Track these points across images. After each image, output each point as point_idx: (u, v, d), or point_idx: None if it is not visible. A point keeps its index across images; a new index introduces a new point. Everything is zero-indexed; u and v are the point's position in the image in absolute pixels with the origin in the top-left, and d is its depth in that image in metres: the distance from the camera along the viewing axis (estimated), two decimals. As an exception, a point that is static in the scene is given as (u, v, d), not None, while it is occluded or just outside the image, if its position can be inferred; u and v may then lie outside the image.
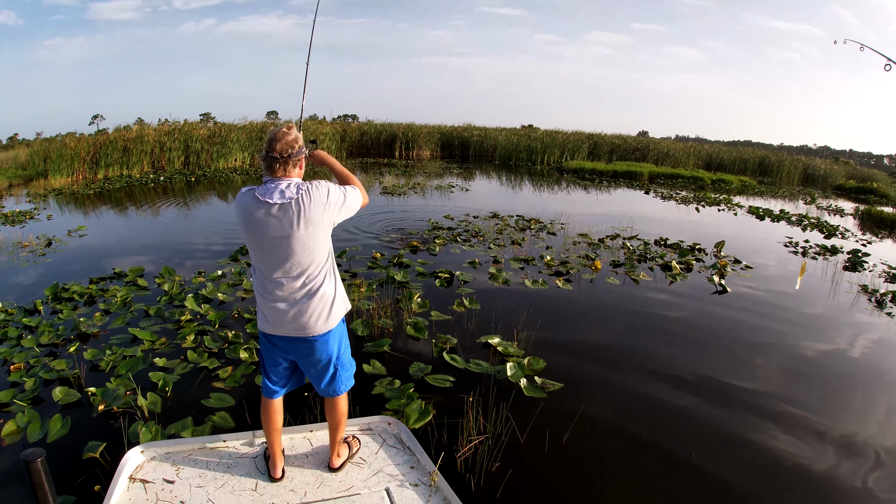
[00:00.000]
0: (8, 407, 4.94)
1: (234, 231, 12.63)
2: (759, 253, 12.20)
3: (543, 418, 4.76)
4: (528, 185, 25.10)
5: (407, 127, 40.05)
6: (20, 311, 7.21)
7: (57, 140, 27.69)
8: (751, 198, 24.45)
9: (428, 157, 38.96)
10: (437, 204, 17.34)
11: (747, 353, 6.60)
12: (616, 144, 39.68)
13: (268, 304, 3.08)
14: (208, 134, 29.30)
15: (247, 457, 3.66)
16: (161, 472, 3.47)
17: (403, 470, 3.52)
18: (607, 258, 10.59)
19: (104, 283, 8.49)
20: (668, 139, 54.50)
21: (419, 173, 26.89)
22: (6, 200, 18.40)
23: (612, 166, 32.14)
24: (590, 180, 27.51)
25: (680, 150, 39.34)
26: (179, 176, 24.34)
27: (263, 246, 2.97)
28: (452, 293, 8.08)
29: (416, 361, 5.72)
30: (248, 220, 2.94)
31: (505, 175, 29.28)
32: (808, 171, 38.69)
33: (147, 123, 31.71)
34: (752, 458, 4.48)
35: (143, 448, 3.66)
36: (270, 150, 2.92)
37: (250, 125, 32.86)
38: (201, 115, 49.78)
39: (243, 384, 5.32)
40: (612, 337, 6.94)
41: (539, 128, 48.76)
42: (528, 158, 37.08)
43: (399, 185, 21.44)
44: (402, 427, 3.96)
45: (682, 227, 15.02)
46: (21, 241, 11.42)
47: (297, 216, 2.87)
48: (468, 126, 45.05)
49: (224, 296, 7.75)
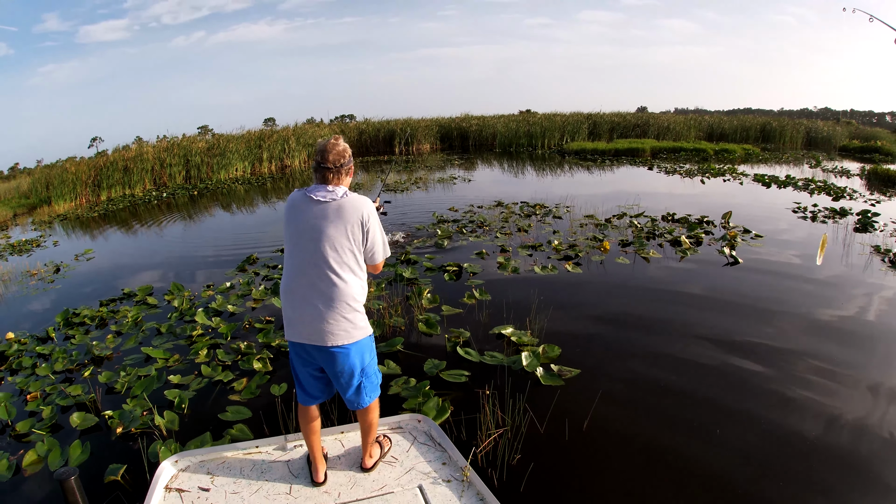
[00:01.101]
0: (27, 437, 4.94)
1: (241, 240, 12.66)
2: (768, 221, 12.10)
3: (562, 406, 4.71)
4: (531, 171, 24.99)
5: (405, 122, 40.04)
6: (33, 340, 7.22)
7: (57, 166, 27.81)
8: (755, 165, 24.32)
9: (428, 150, 38.90)
10: (441, 197, 17.32)
11: (764, 324, 6.53)
12: (616, 122, 39.49)
13: (291, 308, 3.12)
14: (207, 147, 29.35)
15: (280, 461, 3.67)
16: (196, 480, 3.49)
17: (435, 466, 3.51)
18: (615, 238, 10.53)
19: (114, 304, 8.49)
20: (667, 113, 54.33)
21: (420, 168, 26.84)
22: (12, 230, 18.46)
23: (614, 145, 32.03)
24: (592, 160, 27.41)
25: (680, 122, 39.16)
26: (182, 191, 24.38)
27: (298, 238, 3.08)
28: (462, 286, 8.04)
29: (430, 358, 5.68)
30: (292, 212, 3.12)
31: (506, 162, 29.23)
32: (811, 134, 38.50)
33: (146, 141, 31.86)
34: (777, 430, 4.42)
35: (177, 458, 3.69)
36: (323, 160, 3.07)
37: (248, 134, 32.93)
38: (199, 127, 49.79)
39: (259, 395, 5.30)
40: (626, 317, 6.87)
41: (537, 112, 48.59)
42: (529, 143, 36.96)
43: (401, 181, 21.41)
44: (431, 424, 3.97)
45: (689, 200, 14.91)
46: (29, 270, 11.44)
47: (335, 214, 3.01)
48: (466, 116, 44.99)
49: (234, 307, 7.74)
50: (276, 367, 5.87)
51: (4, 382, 6.16)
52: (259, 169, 30.74)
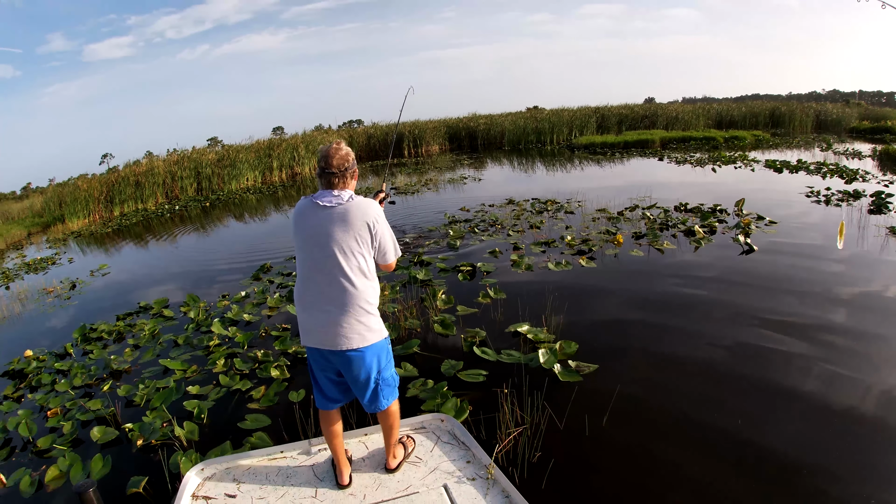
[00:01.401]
0: (49, 452, 4.97)
1: (254, 249, 12.70)
2: (782, 206, 11.98)
3: (581, 402, 4.68)
4: (541, 167, 24.94)
5: (412, 124, 39.98)
6: (51, 357, 7.28)
7: (70, 183, 28.10)
8: (766, 151, 24.14)
9: (437, 151, 38.89)
10: (452, 197, 17.32)
11: (781, 310, 6.45)
12: (624, 115, 39.37)
13: (305, 314, 3.13)
14: (217, 158, 29.52)
15: (304, 465, 3.69)
16: (222, 487, 3.51)
17: (459, 465, 3.50)
18: (629, 231, 10.46)
19: (131, 318, 8.53)
20: (675, 103, 54.04)
21: (430, 169, 26.87)
22: (27, 249, 18.62)
23: (623, 137, 31.87)
24: (602, 154, 27.31)
25: (689, 112, 38.90)
26: (194, 203, 24.51)
27: (307, 245, 3.08)
28: (476, 285, 8.01)
29: (447, 359, 5.65)
30: (299, 219, 3.13)
31: (516, 160, 29.17)
32: (820, 117, 38.21)
33: (156, 155, 32.10)
34: (800, 417, 4.37)
35: (202, 466, 3.70)
36: (328, 166, 3.06)
37: (257, 144, 33.12)
38: (208, 139, 50.10)
39: (277, 402, 5.30)
40: (643, 310, 6.82)
41: (545, 108, 48.50)
42: (538, 140, 36.93)
43: (411, 183, 21.43)
44: (454, 423, 3.96)
45: (701, 189, 14.80)
46: (45, 288, 11.53)
47: (342, 219, 3.00)
48: (473, 115, 44.97)
49: (250, 316, 7.75)
50: (294, 374, 5.87)
51: (25, 400, 6.21)
52: (270, 178, 30.87)
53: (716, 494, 3.59)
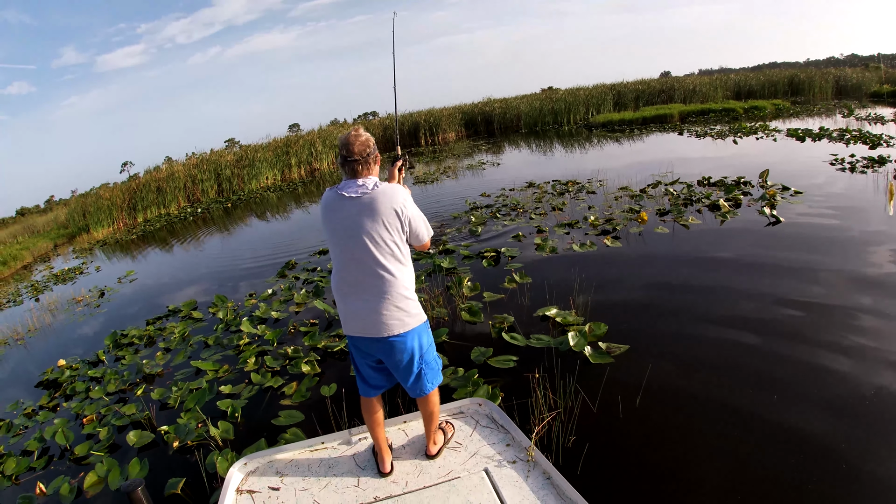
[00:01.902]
0: (87, 459, 5.05)
1: (278, 247, 12.77)
2: (806, 176, 11.76)
3: (613, 384, 4.63)
4: (559, 148, 24.75)
5: (428, 113, 39.93)
6: (84, 365, 7.39)
7: (92, 194, 28.49)
8: (787, 120, 23.76)
9: (454, 138, 38.79)
10: (471, 183, 17.25)
11: (812, 282, 6.32)
12: (640, 90, 38.91)
13: (344, 304, 3.13)
14: (235, 159, 29.75)
15: (346, 455, 3.71)
16: (266, 481, 3.54)
17: (499, 449, 3.49)
18: (652, 208, 10.33)
19: (160, 322, 8.62)
20: (691, 75, 53.33)
21: (448, 156, 26.79)
22: (54, 261, 18.92)
23: (641, 113, 31.53)
24: (620, 131, 27.04)
25: (706, 84, 38.36)
26: (216, 205, 24.71)
27: (338, 237, 3.06)
28: (501, 271, 7.96)
29: (476, 346, 5.62)
30: (327, 212, 3.09)
31: (533, 142, 28.99)
32: (840, 82, 37.50)
33: (175, 160, 32.38)
34: (834, 392, 4.29)
35: (245, 461, 3.74)
36: (349, 154, 3.01)
37: (274, 142, 33.31)
38: (226, 140, 50.50)
39: (310, 397, 5.32)
40: (671, 287, 6.73)
41: (559, 88, 48.16)
42: (554, 121, 36.61)
43: (430, 171, 21.39)
44: (493, 407, 3.94)
45: (723, 162, 14.59)
46: (75, 297, 11.70)
47: (369, 208, 2.96)
48: (489, 100, 44.72)
49: (277, 313, 7.79)
50: (325, 369, 5.89)
51: (60, 409, 6.31)
52: (289, 175, 31.01)
53: (752, 472, 3.54)
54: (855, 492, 3.28)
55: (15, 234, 28.97)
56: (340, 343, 6.29)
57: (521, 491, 3.09)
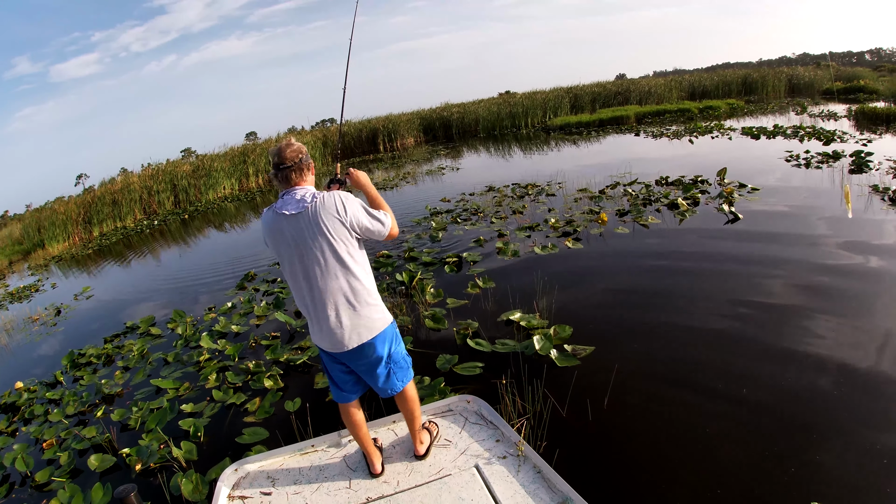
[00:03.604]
0: (48, 486, 4.89)
1: (237, 258, 12.59)
2: (763, 173, 12.02)
3: (581, 386, 4.64)
4: (518, 152, 24.85)
5: (386, 119, 39.88)
6: (42, 387, 7.18)
7: (47, 208, 27.90)
8: (741, 119, 24.23)
9: (413, 144, 38.77)
10: (431, 188, 17.28)
11: (773, 276, 6.46)
12: (597, 93, 39.34)
13: (311, 319, 3.11)
14: (192, 169, 29.32)
15: (336, 457, 3.72)
16: (258, 485, 3.55)
17: (489, 445, 3.51)
18: (612, 209, 10.43)
19: (119, 339, 8.43)
20: (646, 77, 54.17)
21: (407, 162, 26.78)
22: (9, 278, 18.43)
23: (597, 115, 31.93)
24: (577, 134, 27.31)
25: (661, 85, 39.03)
26: (173, 216, 24.33)
27: (288, 258, 3.00)
28: (464, 276, 7.96)
29: (441, 354, 5.59)
30: (271, 235, 3.03)
31: (492, 146, 29.10)
32: (793, 81, 38.56)
33: (130, 171, 31.80)
34: (795, 380, 4.38)
35: (236, 466, 3.73)
36: (281, 161, 2.97)
37: (231, 151, 32.89)
38: (182, 151, 49.73)
39: (274, 413, 5.23)
40: (633, 287, 6.80)
41: (517, 92, 48.49)
42: (512, 125, 36.84)
43: (389, 178, 21.33)
44: (481, 403, 3.95)
45: (680, 161, 14.83)
46: (31, 316, 11.41)
47: (313, 223, 2.90)
48: (446, 105, 44.89)
49: (238, 327, 7.67)
50: (288, 383, 5.81)
51: (19, 433, 6.12)
52: (247, 184, 30.67)
53: (722, 465, 3.59)
54: (818, 480, 3.35)
55: (-34, 251, 28.24)
56: (303, 356, 6.21)
57: (513, 486, 3.12)
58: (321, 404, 5.18)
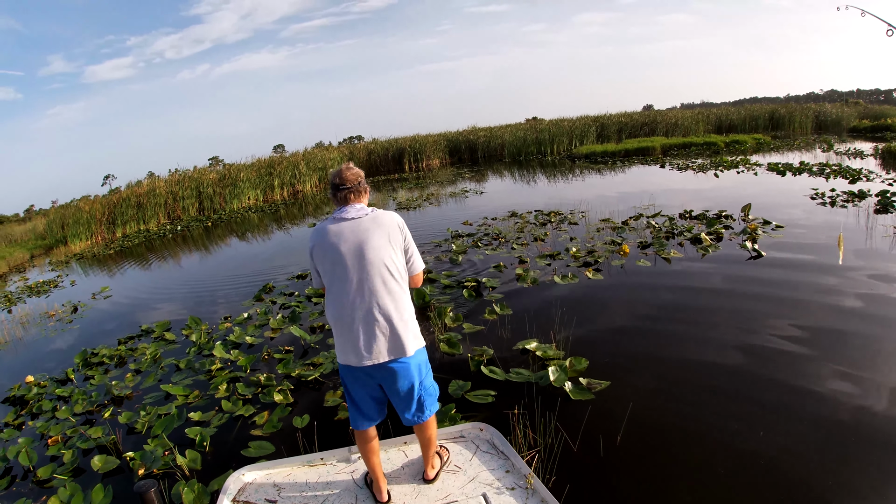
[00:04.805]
0: (49, 482, 4.89)
1: (257, 269, 12.63)
2: (787, 210, 11.86)
3: (594, 421, 4.53)
4: (542, 178, 24.84)
5: (413, 139, 40.13)
6: (53, 383, 7.21)
7: (72, 205, 28.21)
8: (767, 154, 24.06)
9: (438, 165, 38.95)
10: (454, 211, 17.26)
11: (794, 316, 6.29)
12: (623, 123, 39.35)
13: (344, 331, 3.08)
14: (218, 177, 29.62)
15: (344, 472, 3.71)
16: (263, 492, 3.56)
17: (498, 475, 3.46)
18: (634, 241, 10.32)
19: (132, 341, 8.45)
20: (673, 109, 54.16)
21: (431, 183, 26.85)
22: (30, 272, 18.62)
23: (623, 145, 31.84)
24: (603, 163, 27.21)
25: (688, 117, 38.99)
26: (196, 223, 24.51)
27: (338, 260, 3.01)
28: (482, 301, 7.88)
29: (454, 379, 5.49)
30: (322, 239, 3.06)
31: (517, 171, 29.09)
32: (820, 118, 38.43)
33: (157, 176, 32.19)
34: (813, 420, 4.26)
35: (244, 471, 3.77)
36: (342, 182, 3.10)
37: (258, 162, 33.26)
38: (210, 158, 50.37)
39: (281, 428, 5.17)
40: (652, 322, 6.67)
41: (544, 119, 48.67)
42: (538, 151, 36.95)
43: (413, 198, 21.36)
44: (494, 432, 3.91)
45: (705, 195, 14.71)
46: (48, 311, 11.48)
47: (374, 224, 3.03)
48: (473, 128, 45.12)
49: (252, 338, 7.64)
50: (297, 398, 5.75)
51: (25, 427, 6.14)
52: (271, 196, 30.90)
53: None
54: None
55: (-10, 242, 28.60)
56: (315, 372, 6.16)
57: None
58: (329, 423, 5.11)
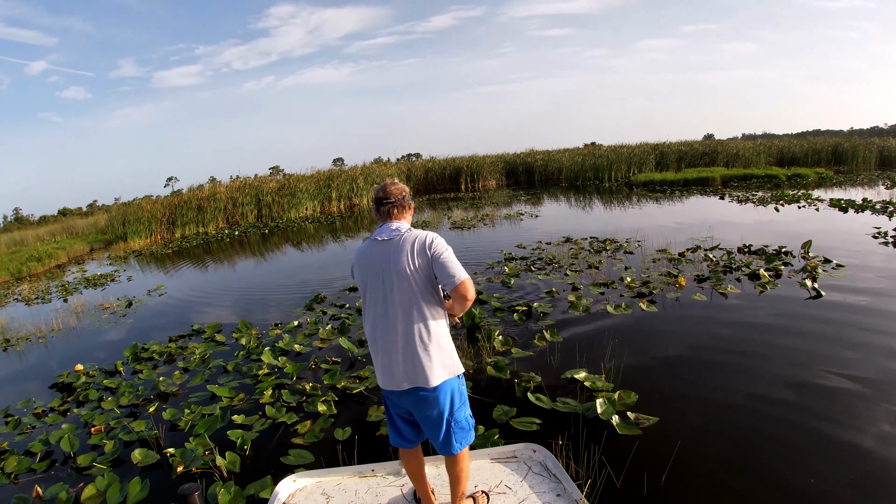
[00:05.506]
0: (88, 470, 4.98)
1: (310, 279, 12.76)
2: (849, 249, 11.38)
3: (640, 458, 4.38)
4: (598, 204, 24.56)
5: (470, 159, 40.30)
6: (101, 373, 7.38)
7: (134, 204, 29.02)
8: (830, 189, 23.35)
9: (494, 186, 39.01)
10: (508, 233, 17.17)
11: (853, 361, 5.99)
12: (683, 151, 38.85)
13: (373, 353, 3.09)
14: (278, 186, 30.18)
15: (394, 485, 3.72)
16: (313, 500, 3.61)
17: (548, 498, 3.39)
18: (690, 273, 10.06)
19: (183, 340, 8.59)
20: (735, 139, 53.35)
21: (487, 204, 26.80)
22: (88, 264, 19.16)
23: (682, 174, 31.36)
24: (661, 192, 26.79)
25: (749, 148, 38.18)
26: (253, 229, 24.96)
27: (370, 281, 3.02)
28: (532, 327, 7.77)
29: (499, 404, 5.40)
30: (360, 259, 3.09)
31: (573, 196, 28.86)
32: (884, 153, 37.47)
33: (219, 181, 32.92)
34: (862, 475, 4.01)
35: (295, 478, 3.83)
36: (386, 196, 3.08)
37: (318, 174, 33.79)
38: (270, 168, 51.30)
39: (322, 439, 5.15)
40: (706, 359, 6.44)
41: (602, 144, 48.40)
42: (595, 177, 36.64)
43: (468, 218, 21.36)
44: (547, 454, 3.84)
45: (764, 229, 14.31)
46: (103, 304, 11.79)
47: (399, 249, 2.94)
48: (531, 151, 45.16)
49: (301, 347, 7.68)
50: (341, 410, 5.73)
51: (70, 414, 6.29)
52: (328, 208, 31.33)
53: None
54: None
55: (54, 232, 29.62)
56: (360, 385, 6.14)
57: None
58: (371, 438, 5.07)
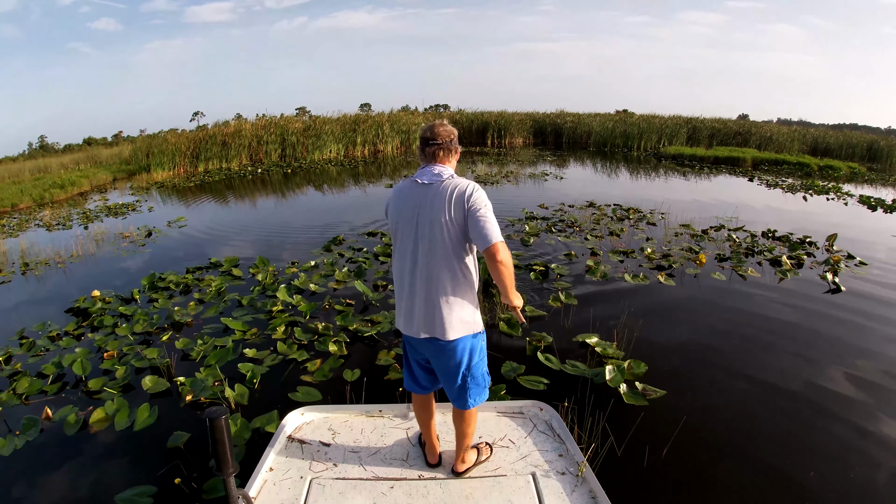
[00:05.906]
0: (98, 394, 5.07)
1: (328, 221, 12.76)
2: (871, 247, 11.13)
3: (643, 429, 4.38)
4: (625, 173, 24.24)
5: (499, 115, 39.78)
6: (117, 300, 7.44)
7: (159, 136, 29.13)
8: (860, 185, 22.87)
9: (520, 144, 38.62)
10: (531, 192, 17.01)
11: (865, 356, 5.93)
12: (716, 129, 38.05)
13: (397, 296, 3.06)
14: (303, 127, 30.04)
15: (400, 428, 3.77)
16: (318, 434, 3.68)
17: (551, 457, 3.41)
18: (712, 251, 9.95)
19: (200, 272, 8.65)
20: (769, 122, 52.07)
21: (512, 161, 26.56)
22: (110, 193, 19.28)
23: (713, 152, 30.79)
24: (689, 167, 26.39)
25: (783, 134, 37.32)
26: (276, 168, 24.96)
27: (400, 225, 2.94)
28: (548, 287, 7.75)
29: (508, 360, 5.42)
30: (396, 198, 2.99)
31: (600, 162, 28.49)
32: (921, 156, 36.26)
33: (245, 118, 32.78)
34: (873, 465, 4.01)
35: (303, 410, 3.90)
36: (433, 137, 2.93)
37: (344, 118, 33.57)
38: (297, 108, 51.11)
39: (331, 378, 5.21)
40: (718, 338, 6.40)
41: (634, 112, 47.50)
42: (624, 144, 36.07)
43: (492, 173, 21.20)
44: (553, 414, 3.85)
45: (791, 217, 14.07)
46: (123, 232, 11.89)
47: (439, 196, 2.82)
48: (561, 112, 44.38)
49: (316, 286, 7.72)
50: (351, 352, 5.77)
51: (84, 339, 6.35)
52: (352, 152, 31.20)
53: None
54: None
55: (78, 161, 29.73)
56: (372, 329, 6.17)
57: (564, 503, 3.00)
58: (379, 381, 5.12)
